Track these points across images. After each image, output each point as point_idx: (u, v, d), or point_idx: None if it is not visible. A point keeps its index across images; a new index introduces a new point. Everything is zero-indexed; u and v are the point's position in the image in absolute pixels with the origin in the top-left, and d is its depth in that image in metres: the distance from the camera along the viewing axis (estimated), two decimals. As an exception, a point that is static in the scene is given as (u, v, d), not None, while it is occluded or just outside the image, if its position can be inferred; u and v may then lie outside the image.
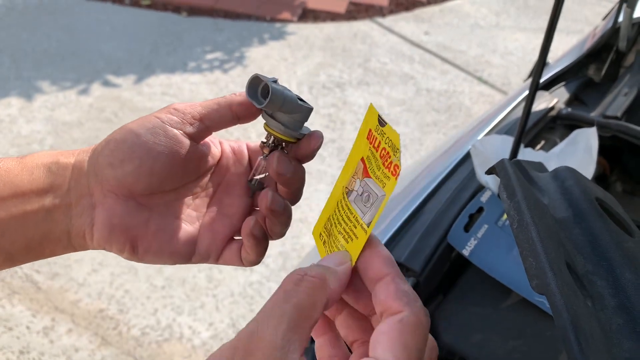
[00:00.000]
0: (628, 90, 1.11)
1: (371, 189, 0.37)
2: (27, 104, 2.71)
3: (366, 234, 0.36)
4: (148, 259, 0.43)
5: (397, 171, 0.35)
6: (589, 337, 0.32)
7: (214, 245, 0.45)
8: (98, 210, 0.41)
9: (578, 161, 0.92)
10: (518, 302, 0.78)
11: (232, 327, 1.76)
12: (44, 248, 0.41)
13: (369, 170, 0.38)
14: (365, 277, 0.35)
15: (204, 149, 0.44)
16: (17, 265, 0.41)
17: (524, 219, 0.37)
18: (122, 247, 0.41)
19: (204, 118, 0.42)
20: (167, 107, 0.42)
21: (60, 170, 0.41)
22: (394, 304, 0.32)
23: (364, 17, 3.87)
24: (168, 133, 0.41)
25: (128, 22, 3.51)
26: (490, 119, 1.13)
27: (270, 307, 0.31)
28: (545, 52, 0.79)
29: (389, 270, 0.34)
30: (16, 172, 0.40)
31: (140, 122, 0.41)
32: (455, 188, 0.92)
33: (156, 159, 0.40)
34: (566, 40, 3.56)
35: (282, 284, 0.32)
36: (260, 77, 0.41)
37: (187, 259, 0.44)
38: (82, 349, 1.66)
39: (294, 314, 0.30)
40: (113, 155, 0.40)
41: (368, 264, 0.35)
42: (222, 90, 2.95)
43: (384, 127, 0.36)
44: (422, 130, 2.83)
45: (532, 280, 0.34)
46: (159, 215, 0.43)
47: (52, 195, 0.40)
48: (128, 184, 0.40)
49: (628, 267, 0.38)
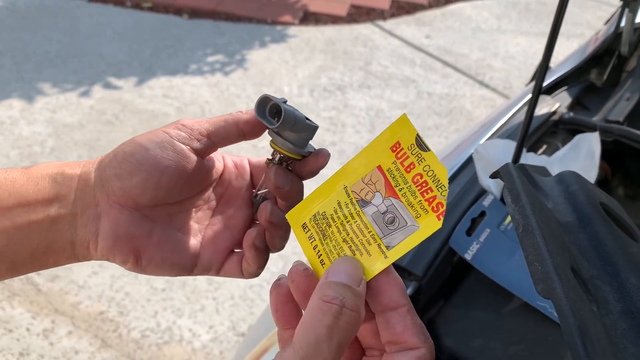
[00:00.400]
0: (630, 95, 1.10)
1: (399, 213, 0.36)
2: (28, 106, 2.71)
3: (386, 258, 0.36)
4: (150, 270, 0.43)
5: (440, 209, 0.34)
6: (595, 341, 0.32)
7: (216, 258, 0.45)
8: (103, 221, 0.41)
9: (580, 166, 0.92)
10: (520, 307, 0.78)
11: (232, 329, 1.76)
12: (48, 258, 0.41)
13: (396, 189, 0.36)
14: (377, 301, 0.36)
15: (209, 164, 0.45)
16: (20, 274, 0.42)
17: (529, 223, 0.37)
18: (126, 257, 0.42)
19: (211, 135, 0.43)
20: (175, 123, 0.43)
21: (66, 180, 0.41)
22: (413, 339, 0.34)
23: (365, 20, 3.88)
24: (176, 148, 0.41)
25: (129, 24, 3.51)
26: (492, 123, 1.12)
27: (314, 344, 0.32)
28: (549, 56, 0.79)
29: (405, 302, 0.35)
30: (22, 182, 0.40)
31: (148, 137, 0.42)
32: (457, 192, 0.91)
33: (163, 172, 0.41)
34: (567, 44, 3.56)
35: (320, 312, 0.33)
36: (270, 98, 0.41)
37: (189, 270, 0.45)
38: (82, 352, 1.65)
39: (337, 351, 0.32)
40: (121, 167, 0.41)
41: (384, 290, 0.36)
42: (223, 93, 2.96)
43: (426, 153, 0.35)
44: (423, 133, 2.83)
45: (538, 284, 0.34)
46: (162, 227, 0.43)
47: (58, 205, 0.41)
48: (134, 195, 0.41)
49: (633, 272, 0.38)
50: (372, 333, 0.38)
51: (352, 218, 0.38)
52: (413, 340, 0.34)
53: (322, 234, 0.39)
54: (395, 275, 0.36)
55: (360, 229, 0.37)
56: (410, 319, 0.35)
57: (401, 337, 0.34)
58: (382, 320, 0.35)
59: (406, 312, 0.35)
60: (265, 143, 2.51)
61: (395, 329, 0.35)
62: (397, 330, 0.34)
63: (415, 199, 0.35)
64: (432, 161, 0.35)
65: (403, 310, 0.35)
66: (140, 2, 3.75)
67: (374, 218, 0.37)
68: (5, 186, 0.40)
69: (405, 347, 0.34)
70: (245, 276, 0.45)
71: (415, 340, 0.34)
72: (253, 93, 2.99)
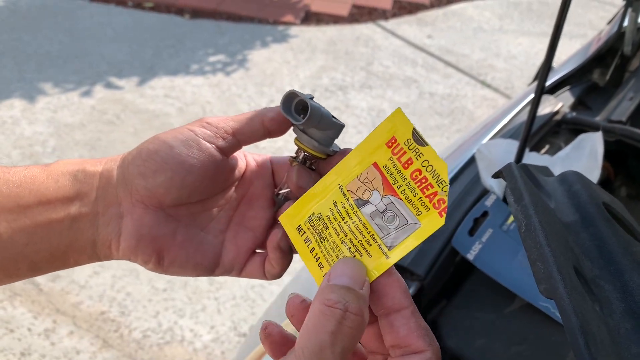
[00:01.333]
0: (633, 95, 1.10)
1: (399, 211, 0.35)
2: (30, 106, 2.71)
3: (387, 259, 0.35)
4: (173, 270, 0.42)
5: (441, 206, 0.33)
6: (597, 341, 0.31)
7: (238, 258, 0.44)
8: (126, 220, 0.40)
9: (583, 166, 0.92)
10: (522, 307, 0.77)
11: (234, 330, 1.76)
12: (69, 257, 0.41)
13: (394, 186, 0.35)
14: (379, 304, 0.35)
15: (232, 162, 0.44)
16: (40, 274, 0.41)
17: (532, 222, 0.37)
18: (148, 258, 0.41)
19: (236, 133, 0.42)
20: (199, 121, 0.42)
21: (87, 178, 0.40)
22: (417, 342, 0.33)
23: (366, 20, 3.87)
24: (201, 146, 0.41)
25: (130, 24, 3.51)
26: (494, 123, 1.12)
27: (318, 350, 0.31)
28: (551, 56, 0.79)
29: (407, 304, 0.34)
30: (42, 179, 0.40)
31: (173, 134, 0.41)
32: (459, 192, 0.91)
33: (188, 171, 0.40)
34: (569, 44, 3.56)
35: (323, 316, 0.32)
36: (297, 93, 0.40)
37: (211, 271, 0.44)
38: (83, 352, 1.65)
39: (342, 357, 0.31)
40: (145, 166, 0.40)
41: (386, 291, 0.35)
42: (224, 93, 2.96)
43: (424, 148, 0.34)
44: (425, 134, 2.83)
45: (541, 284, 0.34)
46: (185, 226, 0.42)
47: (79, 203, 0.40)
48: (159, 194, 0.40)
49: (636, 272, 0.38)
50: (375, 337, 0.37)
51: (349, 218, 0.37)
52: (418, 343, 0.33)
53: (318, 236, 0.38)
54: (397, 276, 0.35)
55: (359, 229, 0.36)
56: (414, 321, 0.34)
57: (405, 341, 0.33)
58: (386, 323, 0.34)
59: (410, 314, 0.34)
60: (265, 144, 2.51)
61: (399, 332, 0.34)
62: (401, 333, 0.33)
63: (415, 196, 0.34)
64: (430, 156, 0.34)
65: (407, 313, 0.34)
66: (141, 2, 3.75)
67: (372, 217, 0.36)
68: (25, 184, 0.39)
69: (409, 351, 0.33)
70: (267, 277, 0.44)
71: (421, 344, 0.33)
72: (254, 93, 2.99)
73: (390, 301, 0.34)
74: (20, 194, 0.39)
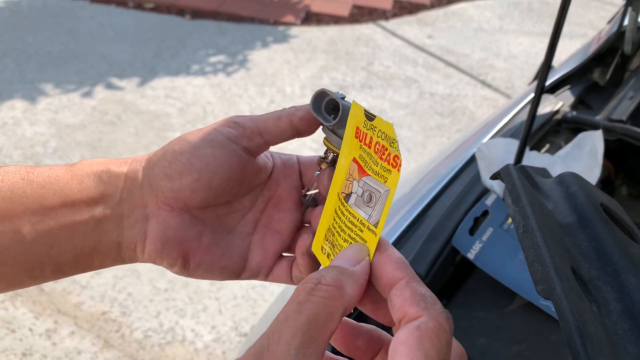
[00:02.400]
0: (633, 94, 1.10)
1: (372, 187, 0.35)
2: (31, 107, 2.72)
3: (376, 236, 0.34)
4: (198, 274, 0.41)
5: (397, 162, 0.33)
6: (595, 342, 0.31)
7: (265, 262, 0.43)
8: (152, 222, 0.39)
9: (583, 165, 0.92)
10: (523, 306, 0.77)
11: (235, 330, 1.76)
12: (93, 260, 0.40)
13: (365, 168, 0.36)
14: (379, 284, 0.33)
15: (259, 163, 0.42)
16: (65, 276, 0.40)
17: (529, 224, 0.37)
18: (174, 261, 0.40)
19: (264, 133, 0.41)
20: (226, 120, 0.41)
21: (112, 179, 0.40)
22: (411, 309, 0.30)
23: (367, 20, 3.87)
24: (228, 147, 0.39)
25: (131, 25, 3.52)
26: (494, 122, 1.12)
27: (282, 320, 0.29)
28: (551, 55, 0.79)
29: (402, 274, 0.32)
30: (65, 180, 0.39)
31: (199, 135, 0.40)
32: (460, 191, 0.91)
33: (215, 172, 0.39)
34: (570, 44, 3.55)
35: (295, 293, 0.30)
36: (328, 92, 0.39)
37: (238, 274, 0.43)
38: (84, 352, 1.66)
39: (308, 326, 0.28)
40: (171, 167, 0.39)
41: (380, 269, 0.33)
42: (225, 94, 2.96)
43: (374, 121, 0.34)
44: (425, 134, 2.83)
45: (538, 285, 0.34)
46: (211, 229, 0.41)
47: (103, 205, 0.39)
48: (185, 196, 0.39)
49: (633, 273, 0.38)
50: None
51: (343, 216, 0.37)
52: (411, 310, 0.29)
53: (331, 245, 0.39)
54: (390, 251, 0.33)
55: (352, 222, 0.36)
56: (408, 290, 0.31)
57: (400, 312, 0.30)
58: (388, 302, 0.32)
59: (404, 284, 0.31)
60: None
61: (394, 305, 0.31)
62: (396, 306, 0.30)
63: (377, 166, 0.34)
64: (379, 124, 0.34)
65: (401, 284, 0.31)
66: (142, 2, 3.75)
67: (357, 204, 0.36)
68: (49, 185, 0.38)
69: (406, 321, 0.30)
70: (294, 282, 0.43)
71: (414, 310, 0.29)
72: (255, 93, 2.99)
73: (386, 278, 0.32)
74: (44, 195, 0.38)
